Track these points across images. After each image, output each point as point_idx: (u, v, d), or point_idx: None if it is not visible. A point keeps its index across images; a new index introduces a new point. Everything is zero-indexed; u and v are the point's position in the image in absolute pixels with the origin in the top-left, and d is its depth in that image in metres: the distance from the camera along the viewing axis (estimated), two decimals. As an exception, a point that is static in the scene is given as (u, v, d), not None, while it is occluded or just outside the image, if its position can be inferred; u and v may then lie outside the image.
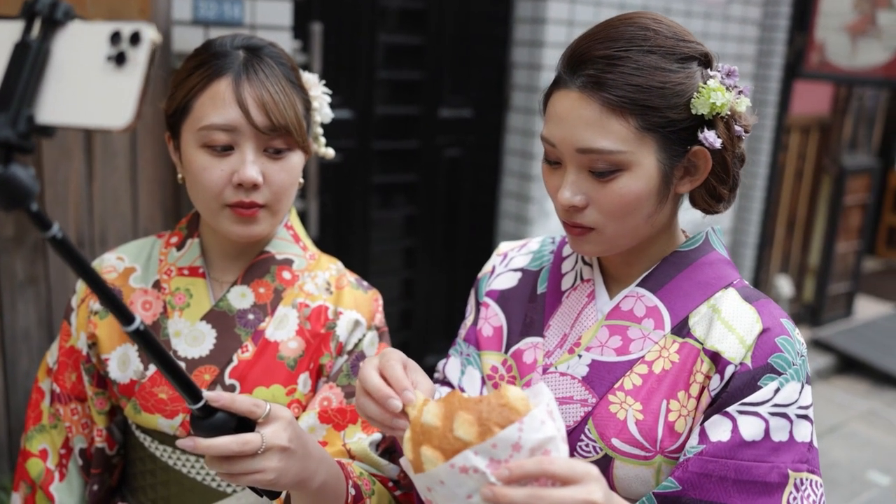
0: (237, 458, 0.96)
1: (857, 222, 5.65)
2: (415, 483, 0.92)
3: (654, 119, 1.06)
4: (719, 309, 1.14)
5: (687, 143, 1.10)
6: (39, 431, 1.40)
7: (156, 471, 1.33)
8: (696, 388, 1.12)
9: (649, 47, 1.07)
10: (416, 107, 3.40)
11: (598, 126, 1.06)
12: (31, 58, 0.74)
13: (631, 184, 1.08)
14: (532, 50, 3.50)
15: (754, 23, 4.37)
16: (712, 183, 1.14)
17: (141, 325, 0.84)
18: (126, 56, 0.72)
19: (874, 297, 6.42)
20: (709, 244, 1.21)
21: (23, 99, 0.73)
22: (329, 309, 1.34)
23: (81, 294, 1.38)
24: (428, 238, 3.61)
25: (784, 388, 1.08)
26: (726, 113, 1.09)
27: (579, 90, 1.08)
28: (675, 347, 1.15)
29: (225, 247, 1.34)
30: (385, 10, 3.23)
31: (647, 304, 1.18)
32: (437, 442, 0.88)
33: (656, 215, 1.14)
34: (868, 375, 5.14)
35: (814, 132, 5.29)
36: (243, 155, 1.20)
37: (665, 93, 1.06)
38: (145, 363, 1.30)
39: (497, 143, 3.70)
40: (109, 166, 2.31)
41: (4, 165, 0.70)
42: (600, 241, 1.14)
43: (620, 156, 1.07)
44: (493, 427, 0.86)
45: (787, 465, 1.07)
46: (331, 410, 1.28)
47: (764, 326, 1.11)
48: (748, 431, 1.07)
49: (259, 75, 1.20)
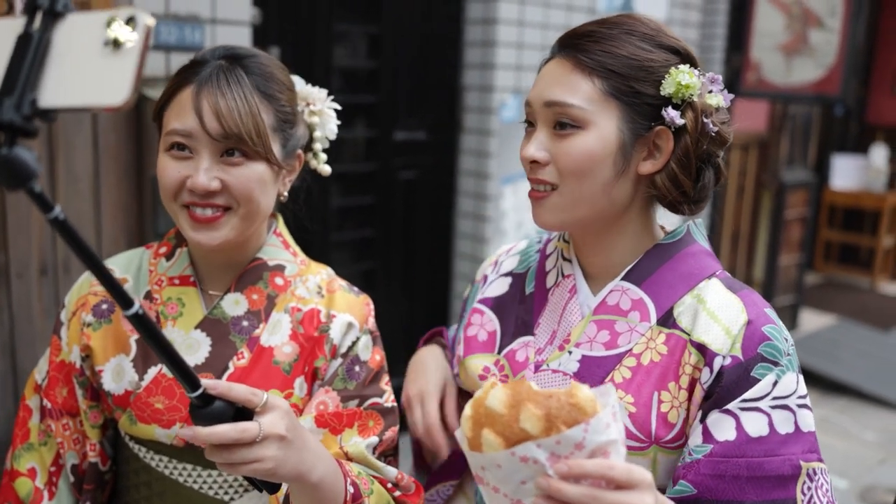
0: (236, 447, 0.97)
1: (797, 236, 5.81)
2: (468, 458, 0.94)
3: (620, 86, 1.13)
4: (704, 299, 1.16)
5: (651, 121, 1.14)
6: (27, 450, 1.36)
7: (151, 482, 1.30)
8: (686, 380, 1.14)
9: (630, 30, 1.16)
10: (371, 130, 3.41)
11: (566, 83, 1.14)
12: (34, 47, 0.78)
13: (587, 142, 1.13)
14: (483, 73, 3.55)
15: (693, 43, 4.50)
16: (674, 169, 1.15)
17: (140, 309, 0.85)
18: (122, 40, 0.76)
19: (817, 309, 6.60)
20: (690, 236, 1.23)
21: (26, 84, 0.76)
22: (321, 312, 1.33)
23: (72, 307, 1.35)
24: (386, 260, 3.61)
25: (782, 380, 1.10)
26: (694, 99, 1.13)
27: (560, 56, 1.18)
28: (661, 339, 1.16)
29: (213, 256, 1.33)
30: (341, 34, 3.25)
31: (633, 297, 1.20)
32: (500, 428, 0.89)
33: (613, 187, 1.16)
34: (817, 385, 5.26)
35: (753, 149, 5.45)
36: (198, 162, 1.20)
37: (634, 64, 1.13)
38: (140, 373, 1.28)
39: (451, 165, 3.74)
40: (72, 190, 2.26)
41: (9, 147, 0.73)
42: (557, 207, 1.17)
43: (581, 112, 1.13)
44: (560, 425, 0.87)
45: (797, 455, 1.08)
46: (327, 415, 1.27)
47: (749, 317, 1.13)
48: (753, 427, 1.08)
49: (220, 84, 1.20)
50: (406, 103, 3.53)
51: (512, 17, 3.49)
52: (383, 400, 1.32)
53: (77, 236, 0.79)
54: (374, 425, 1.29)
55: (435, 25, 3.55)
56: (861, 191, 7.49)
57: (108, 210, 2.34)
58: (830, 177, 7.59)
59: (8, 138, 0.74)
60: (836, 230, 7.76)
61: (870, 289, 7.50)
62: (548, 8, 3.62)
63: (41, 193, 0.76)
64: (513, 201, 3.71)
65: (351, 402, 1.29)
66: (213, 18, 2.45)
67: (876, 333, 6.07)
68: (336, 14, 3.20)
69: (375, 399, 1.31)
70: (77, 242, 0.79)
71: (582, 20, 3.86)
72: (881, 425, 4.70)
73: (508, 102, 3.58)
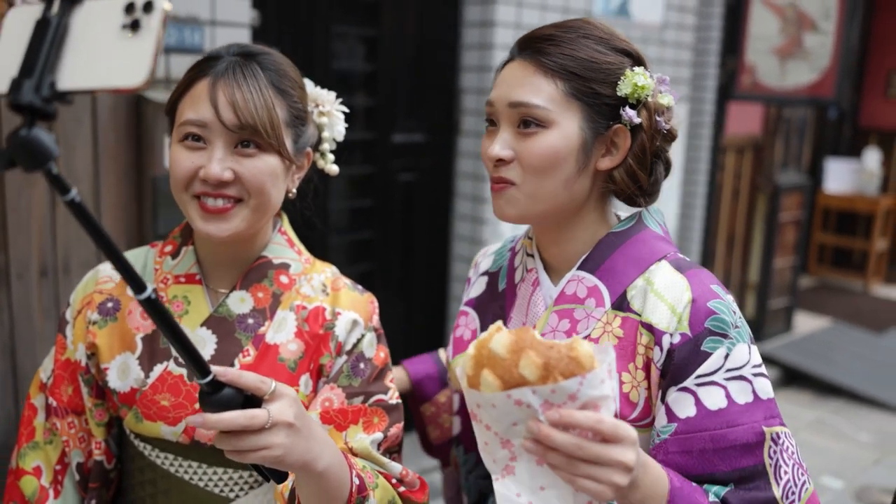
0: (245, 434, 0.97)
1: (791, 238, 5.84)
2: (465, 396, 0.98)
3: (581, 88, 1.19)
4: (652, 281, 1.21)
5: (609, 120, 1.21)
6: (33, 448, 1.36)
7: (156, 480, 1.31)
8: (641, 360, 1.18)
9: (587, 34, 1.22)
10: (370, 132, 3.42)
11: (529, 84, 1.19)
12: (52, 31, 0.79)
13: (551, 140, 1.18)
14: (480, 75, 3.56)
15: (688, 47, 4.53)
16: (631, 164, 1.22)
17: (152, 293, 0.86)
18: (140, 23, 0.78)
19: (811, 312, 6.63)
20: (642, 223, 1.28)
21: (45, 67, 0.78)
22: (326, 310, 1.34)
23: (77, 306, 1.36)
24: (384, 262, 3.61)
25: (733, 352, 1.14)
26: (648, 99, 1.20)
27: (521, 59, 1.22)
28: (617, 322, 1.21)
29: (219, 253, 1.33)
30: (339, 36, 3.26)
31: (588, 284, 1.25)
32: (499, 371, 0.92)
33: (574, 183, 1.21)
34: (811, 386, 5.29)
35: (748, 152, 5.48)
36: (212, 152, 1.21)
37: (593, 66, 1.19)
38: (146, 371, 1.28)
39: (449, 167, 3.74)
40: (72, 191, 2.26)
41: (28, 128, 0.75)
42: (518, 201, 1.22)
43: (545, 112, 1.18)
44: (556, 375, 0.90)
45: (759, 422, 1.12)
46: (332, 411, 1.28)
47: (693, 294, 1.17)
48: (711, 401, 1.12)
49: (237, 76, 1.22)
50: (404, 106, 3.53)
51: (509, 21, 3.51)
52: (388, 397, 1.33)
53: (92, 219, 0.80)
54: (379, 422, 1.30)
55: (432, 28, 3.55)
56: (854, 194, 7.52)
57: (107, 210, 2.34)
58: (824, 180, 7.62)
59: (27, 120, 0.76)
60: (830, 233, 7.80)
61: (863, 292, 7.54)
62: (544, 11, 3.63)
63: (59, 175, 0.77)
64: (510, 203, 3.71)
65: (356, 398, 1.30)
66: (212, 20, 2.45)
67: (869, 336, 6.10)
68: (335, 17, 3.20)
69: (380, 396, 1.32)
70: (92, 225, 0.80)
71: (579, 23, 3.85)
72: (875, 426, 4.72)
73: (505, 105, 3.59)
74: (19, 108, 0.76)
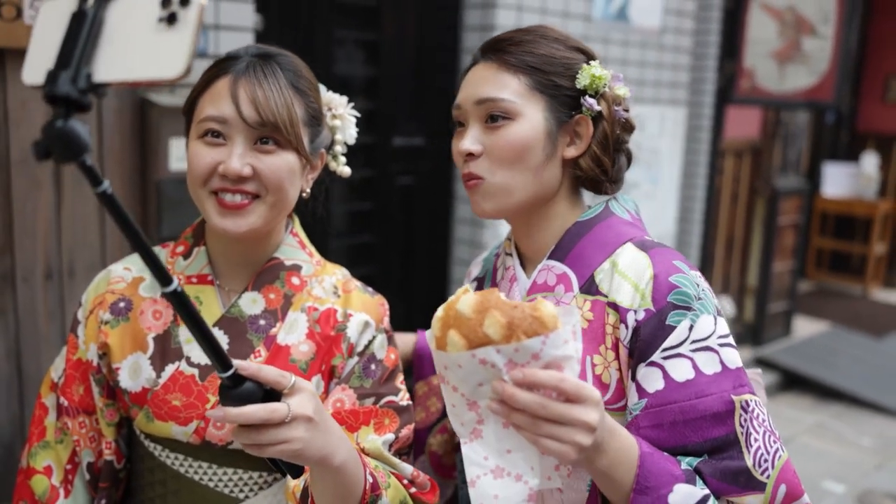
0: (265, 428, 0.98)
1: (790, 242, 5.85)
2: (434, 358, 1.01)
3: (542, 81, 1.26)
4: (617, 262, 1.24)
5: (571, 110, 1.28)
6: (43, 448, 1.37)
7: (166, 480, 1.31)
8: (610, 340, 1.21)
9: (544, 34, 1.30)
10: (370, 136, 3.42)
11: (494, 81, 1.26)
12: (88, 24, 0.80)
13: (518, 130, 1.24)
14: (481, 78, 3.57)
15: (686, 51, 4.54)
16: (595, 151, 1.28)
17: (178, 287, 0.87)
18: (177, 16, 0.80)
19: (810, 316, 6.64)
20: (608, 210, 1.33)
21: (81, 59, 0.78)
22: (338, 312, 1.35)
23: (89, 305, 1.36)
24: (384, 265, 3.61)
25: (697, 324, 1.16)
26: (606, 90, 1.28)
27: (485, 61, 1.30)
28: (587, 306, 1.24)
29: (232, 253, 1.34)
30: (340, 41, 3.26)
31: (557, 272, 1.29)
32: (465, 331, 0.95)
33: (542, 172, 1.27)
34: (811, 391, 5.29)
35: (746, 156, 5.49)
36: (232, 148, 1.22)
37: (553, 62, 1.27)
38: (158, 371, 1.29)
39: (449, 171, 3.75)
40: (79, 196, 2.27)
41: (64, 120, 0.75)
42: (492, 193, 1.27)
43: (511, 104, 1.25)
44: (520, 334, 0.93)
45: (728, 391, 1.14)
46: (343, 412, 1.28)
47: (655, 271, 1.20)
48: (678, 373, 1.14)
49: (257, 75, 1.24)
50: (404, 109, 3.54)
51: (509, 25, 3.51)
52: (398, 398, 1.34)
53: (123, 211, 0.81)
54: (390, 423, 1.30)
55: (433, 33, 3.56)
56: (852, 198, 7.54)
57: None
58: (822, 184, 7.64)
59: (63, 111, 0.76)
60: (828, 238, 7.81)
61: (862, 296, 7.55)
62: (544, 16, 3.64)
63: (92, 166, 0.77)
64: (511, 207, 3.72)
65: (367, 399, 1.31)
66: (216, 24, 2.46)
67: (869, 340, 6.11)
68: (336, 21, 3.21)
69: (391, 397, 1.33)
70: (122, 217, 0.81)
71: (578, 28, 3.87)
72: (877, 431, 4.72)
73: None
74: (55, 99, 0.77)
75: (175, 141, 2.33)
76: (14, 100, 2.13)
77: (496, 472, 1.01)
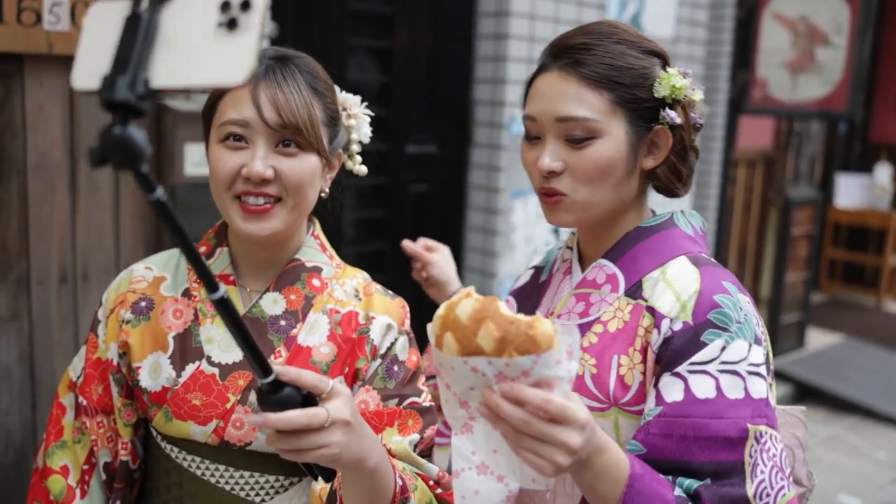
0: (304, 433, 0.97)
1: (803, 253, 5.82)
2: (433, 353, 1.01)
3: (624, 95, 1.22)
4: (666, 271, 1.24)
5: (650, 122, 1.25)
6: (60, 447, 1.37)
7: (182, 483, 1.30)
8: (640, 343, 1.21)
9: (617, 39, 1.25)
10: (383, 143, 3.43)
11: (575, 98, 1.22)
12: (143, 28, 0.78)
13: (603, 150, 1.22)
14: (493, 87, 3.57)
15: (699, 61, 4.54)
16: (672, 160, 1.28)
17: (225, 294, 0.86)
18: (238, 21, 0.77)
19: (823, 328, 6.59)
20: (671, 222, 1.32)
21: (138, 64, 0.76)
22: (360, 314, 1.35)
23: (110, 305, 1.36)
24: (396, 273, 3.60)
25: (730, 346, 1.15)
26: (683, 98, 1.25)
27: (559, 70, 1.24)
28: (628, 309, 1.24)
29: (253, 255, 1.35)
30: (354, 48, 3.27)
31: (608, 271, 1.29)
32: (459, 336, 0.95)
33: (623, 186, 1.26)
34: (825, 403, 5.24)
35: (759, 165, 5.47)
36: (254, 150, 1.23)
37: (632, 73, 1.22)
38: (178, 370, 1.29)
39: (462, 179, 3.74)
40: (94, 200, 2.28)
41: (122, 126, 0.73)
42: (572, 208, 1.26)
43: (595, 124, 1.21)
44: (512, 350, 0.93)
45: (745, 419, 1.12)
46: (368, 413, 1.28)
47: (702, 286, 1.19)
48: (700, 389, 1.13)
49: (277, 77, 1.24)
50: (417, 117, 3.54)
51: (522, 34, 3.52)
52: (421, 399, 1.34)
53: (175, 218, 0.80)
54: (414, 424, 1.31)
55: (446, 41, 3.57)
56: (865, 209, 7.50)
57: (127, 219, 2.35)
58: (834, 195, 7.60)
59: (121, 117, 0.74)
60: (841, 249, 7.76)
61: (875, 308, 7.50)
62: (557, 25, 3.65)
63: (147, 174, 0.76)
64: (523, 215, 3.72)
65: (390, 401, 1.31)
66: (231, 30, 2.47)
67: (883, 352, 6.06)
68: (350, 29, 3.22)
69: (414, 398, 1.33)
70: (174, 224, 0.80)
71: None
72: (892, 444, 4.68)
73: (519, 117, 3.59)
74: (113, 105, 0.75)
75: (190, 146, 2.33)
76: (31, 105, 2.14)
77: (481, 468, 1.02)
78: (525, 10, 3.52)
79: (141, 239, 2.39)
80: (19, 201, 2.16)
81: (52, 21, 2.09)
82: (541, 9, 3.58)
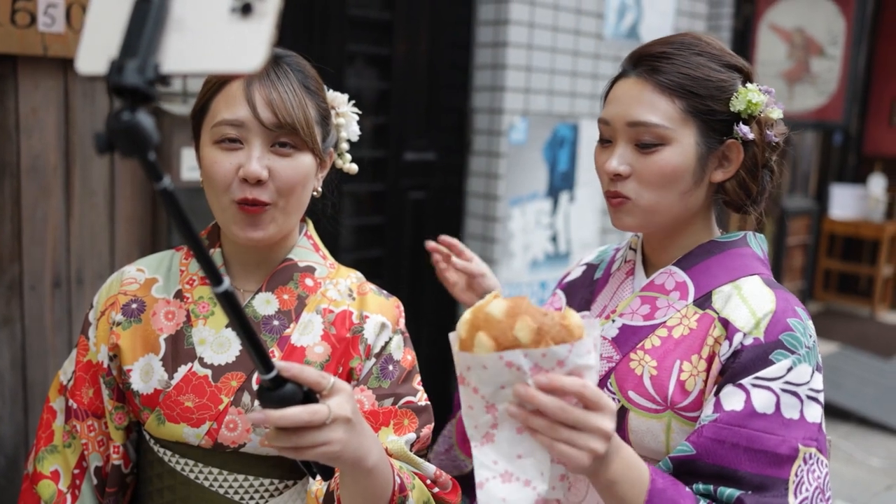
0: (305, 430, 0.96)
1: (799, 263, 5.83)
2: (456, 359, 1.02)
3: (697, 105, 1.23)
4: (741, 287, 1.25)
5: (723, 135, 1.26)
6: (51, 452, 1.35)
7: (175, 486, 1.29)
8: (707, 351, 1.23)
9: (699, 51, 1.26)
10: (381, 150, 3.42)
11: (648, 103, 1.24)
12: (154, 12, 0.75)
13: (671, 157, 1.23)
14: (492, 95, 3.57)
15: (697, 70, 4.54)
16: (743, 176, 1.28)
17: (229, 287, 0.84)
18: (253, 7, 0.75)
19: (818, 337, 6.57)
20: (745, 241, 1.33)
21: (148, 49, 0.74)
22: (353, 314, 1.34)
23: (101, 307, 1.35)
24: (393, 280, 3.59)
25: (796, 368, 1.16)
26: (759, 114, 1.25)
27: (636, 76, 1.26)
28: (695, 317, 1.26)
29: (246, 256, 1.34)
30: (353, 55, 3.27)
31: (678, 279, 1.31)
32: (494, 332, 0.97)
33: (689, 196, 1.27)
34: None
35: (755, 176, 5.47)
36: (250, 151, 1.22)
37: (708, 85, 1.23)
38: (170, 372, 1.27)
39: (460, 186, 3.74)
40: (88, 203, 2.26)
41: (131, 112, 0.71)
42: (636, 213, 1.28)
43: (665, 130, 1.23)
44: (549, 340, 0.96)
45: (797, 440, 1.14)
46: (363, 413, 1.27)
47: (777, 308, 1.21)
48: (760, 403, 1.15)
49: (270, 77, 1.24)
50: (416, 124, 3.53)
51: (521, 41, 3.52)
52: (417, 399, 1.33)
53: (181, 209, 0.78)
54: (409, 423, 1.30)
55: (445, 48, 3.57)
56: (860, 220, 7.51)
57: (122, 223, 2.33)
58: (829, 206, 7.61)
59: (130, 103, 0.72)
60: (836, 259, 7.77)
61: (870, 318, 7.51)
62: (556, 32, 3.65)
63: (154, 162, 0.74)
64: (521, 223, 3.71)
65: (386, 400, 1.30)
66: (229, 34, 2.45)
67: (877, 361, 6.07)
68: (349, 36, 3.22)
69: (409, 398, 1.32)
70: (180, 215, 0.78)
71: (590, 46, 3.87)
72: (886, 451, 4.68)
73: (517, 125, 3.59)
74: (121, 90, 0.72)
75: (186, 150, 2.32)
76: (25, 107, 2.13)
77: (504, 476, 1.02)
78: (524, 18, 3.52)
79: (136, 243, 2.37)
80: (13, 205, 2.14)
81: (46, 23, 2.08)
82: (539, 17, 3.58)
